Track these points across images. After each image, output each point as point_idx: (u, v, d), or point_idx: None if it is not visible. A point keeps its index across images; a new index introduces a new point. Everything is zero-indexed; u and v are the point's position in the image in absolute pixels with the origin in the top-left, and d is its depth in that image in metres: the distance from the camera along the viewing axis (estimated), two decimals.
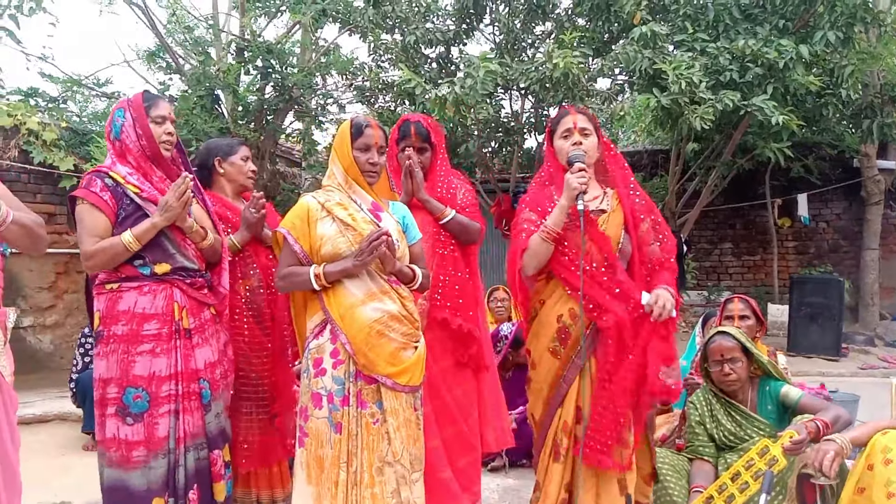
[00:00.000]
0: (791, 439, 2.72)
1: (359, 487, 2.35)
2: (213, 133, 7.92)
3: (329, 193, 2.55)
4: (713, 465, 3.07)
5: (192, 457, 2.58)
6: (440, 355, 2.89)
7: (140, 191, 2.58)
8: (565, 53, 6.73)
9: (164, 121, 2.66)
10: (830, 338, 8.55)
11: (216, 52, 9.61)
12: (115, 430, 2.51)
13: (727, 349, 3.08)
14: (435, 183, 3.07)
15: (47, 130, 7.30)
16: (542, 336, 2.64)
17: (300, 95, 9.01)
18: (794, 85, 6.88)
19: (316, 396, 2.43)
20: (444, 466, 2.77)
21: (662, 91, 6.72)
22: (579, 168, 2.50)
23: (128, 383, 2.51)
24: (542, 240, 2.53)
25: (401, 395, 2.42)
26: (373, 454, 2.37)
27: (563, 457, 2.56)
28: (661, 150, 11.37)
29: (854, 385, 6.12)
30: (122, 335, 2.53)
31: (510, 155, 9.49)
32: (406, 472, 2.39)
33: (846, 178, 10.50)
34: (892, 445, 2.54)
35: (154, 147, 2.63)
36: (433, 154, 3.10)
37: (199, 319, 2.67)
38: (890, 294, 10.62)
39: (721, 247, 11.65)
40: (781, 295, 10.51)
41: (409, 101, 7.73)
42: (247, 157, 3.23)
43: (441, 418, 2.84)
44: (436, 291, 2.93)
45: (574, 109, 2.68)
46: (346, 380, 2.40)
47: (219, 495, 2.66)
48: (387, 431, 2.38)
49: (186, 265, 2.65)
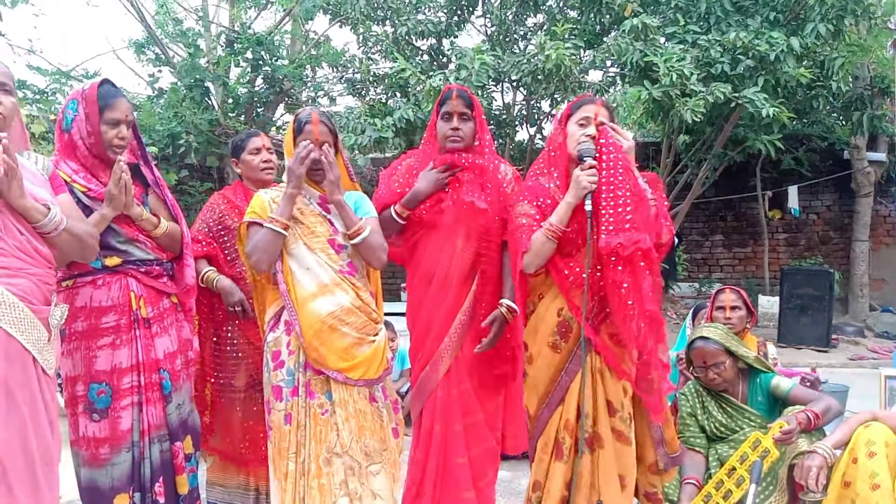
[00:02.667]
0: (781, 429, 2.74)
1: (306, 478, 2.35)
2: (203, 125, 7.88)
3: (279, 190, 2.56)
4: (704, 456, 3.08)
5: (157, 449, 2.54)
6: (476, 370, 2.79)
7: (87, 190, 2.49)
8: (557, 45, 6.72)
9: (119, 124, 2.51)
10: (820, 329, 8.60)
11: (206, 43, 9.55)
12: (84, 428, 2.48)
13: (710, 354, 3.05)
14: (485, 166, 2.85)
15: (35, 123, 7.23)
16: (542, 331, 2.56)
17: (291, 88, 8.97)
18: (784, 77, 6.90)
19: (276, 389, 2.45)
20: (469, 486, 2.71)
21: (654, 83, 6.73)
22: (590, 165, 2.39)
23: (91, 379, 2.47)
24: (547, 238, 2.43)
25: (352, 387, 2.41)
26: (320, 445, 2.36)
27: (566, 456, 2.50)
28: (652, 142, 11.36)
29: (844, 376, 6.17)
30: (83, 331, 2.48)
31: (501, 148, 9.46)
32: (356, 463, 2.38)
33: (836, 171, 10.55)
34: (876, 438, 2.55)
35: (101, 150, 2.50)
36: (477, 126, 2.86)
37: (158, 308, 2.61)
38: (879, 285, 10.69)
39: (712, 239, 11.69)
40: (772, 287, 10.57)
41: (402, 93, 7.71)
42: (257, 150, 3.20)
43: (471, 437, 2.76)
44: (479, 304, 2.81)
45: (601, 101, 2.57)
46: (295, 370, 2.41)
47: (181, 488, 2.61)
48: (335, 422, 2.37)
49: (139, 256, 2.58)
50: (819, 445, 2.62)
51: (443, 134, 2.84)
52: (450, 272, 2.77)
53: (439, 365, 2.76)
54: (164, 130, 7.40)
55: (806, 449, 2.70)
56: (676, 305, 10.43)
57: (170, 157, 7.62)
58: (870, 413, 2.72)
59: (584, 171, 2.38)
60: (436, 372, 2.75)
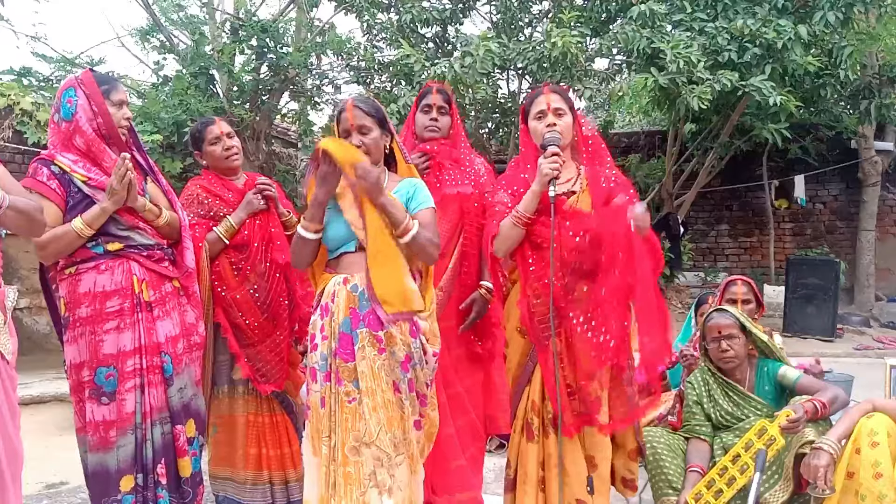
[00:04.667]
0: (787, 418, 2.74)
1: (335, 464, 2.35)
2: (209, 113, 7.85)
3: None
4: (709, 444, 3.08)
5: (158, 431, 2.57)
6: (455, 345, 2.90)
7: (87, 179, 2.50)
8: (563, 33, 6.68)
9: (123, 105, 2.58)
10: (826, 319, 8.59)
11: (210, 31, 9.51)
12: (91, 413, 2.50)
13: (725, 326, 3.09)
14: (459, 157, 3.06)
15: (41, 110, 7.23)
16: (513, 316, 2.70)
17: (296, 75, 8.93)
18: (792, 65, 6.86)
19: (312, 371, 2.45)
20: (459, 455, 2.80)
21: (660, 71, 6.69)
22: (552, 153, 2.47)
23: (98, 363, 2.49)
24: (513, 224, 2.53)
25: (380, 376, 2.35)
26: (347, 433, 2.33)
27: (536, 436, 2.60)
28: (658, 131, 11.34)
29: (849, 366, 6.15)
30: (87, 317, 2.50)
31: (507, 136, 9.45)
32: (384, 455, 2.33)
33: (843, 160, 10.49)
34: (879, 428, 2.56)
35: (112, 130, 2.54)
36: (453, 121, 3.07)
37: (160, 292, 2.63)
38: (885, 275, 10.65)
39: (718, 228, 11.66)
40: (777, 276, 10.54)
41: (406, 81, 7.69)
42: (217, 139, 3.09)
43: (454, 408, 2.86)
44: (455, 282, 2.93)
45: (548, 89, 2.64)
46: (328, 355, 2.40)
47: (184, 471, 2.63)
48: (363, 412, 2.34)
49: (141, 241, 2.60)
50: (825, 441, 2.61)
51: (422, 124, 3.03)
52: None
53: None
54: (169, 118, 7.37)
55: (812, 439, 2.70)
56: (681, 295, 10.41)
57: (175, 144, 7.59)
58: (869, 402, 2.72)
59: (546, 158, 2.47)
60: None
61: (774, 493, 2.81)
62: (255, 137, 8.80)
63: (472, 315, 2.89)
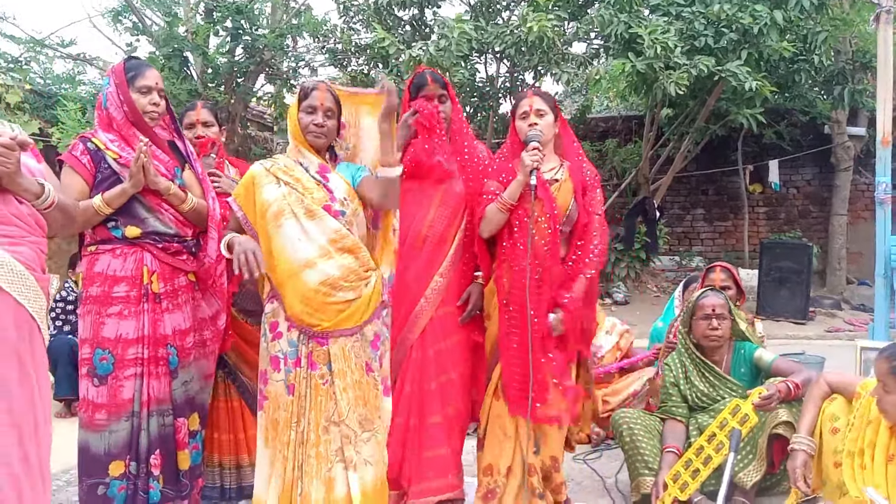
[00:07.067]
0: (760, 395, 2.81)
1: (305, 447, 2.41)
2: (183, 96, 7.75)
3: (276, 159, 2.60)
4: (685, 425, 3.12)
5: (155, 422, 2.59)
6: (452, 331, 2.89)
7: (119, 157, 2.57)
8: (540, 17, 6.68)
9: (150, 91, 2.62)
10: (798, 302, 8.71)
11: (184, 12, 9.36)
12: (85, 390, 2.55)
13: (719, 305, 3.17)
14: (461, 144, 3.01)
15: (11, 93, 7.10)
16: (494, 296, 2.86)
17: (271, 58, 8.85)
18: (767, 51, 6.91)
19: (274, 360, 2.47)
20: (443, 443, 2.80)
21: (638, 56, 6.71)
22: (533, 147, 2.69)
23: (97, 344, 2.54)
24: (498, 209, 2.73)
25: (350, 357, 2.45)
26: (320, 414, 2.42)
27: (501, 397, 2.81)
28: (635, 115, 11.39)
29: (820, 348, 6.25)
30: (96, 296, 2.56)
31: (485, 120, 9.44)
32: (351, 432, 2.44)
33: (817, 145, 10.61)
34: (839, 414, 2.61)
35: (137, 116, 2.60)
36: (454, 105, 2.99)
37: (172, 285, 2.66)
38: (856, 259, 10.82)
39: (693, 212, 11.76)
40: (751, 260, 10.67)
41: (383, 64, 7.64)
42: (191, 125, 3.13)
43: (445, 396, 2.86)
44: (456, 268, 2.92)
45: (531, 93, 2.88)
46: (298, 342, 2.44)
47: (182, 463, 2.66)
48: (334, 392, 2.43)
49: (160, 229, 2.64)
50: (797, 440, 2.63)
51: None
52: (425, 234, 2.86)
53: (415, 326, 2.83)
54: None
55: (786, 419, 2.77)
56: (657, 278, 10.51)
57: None
58: (824, 382, 2.72)
59: (527, 152, 2.67)
60: (412, 333, 2.83)
61: (748, 472, 2.86)
62: (230, 120, 8.70)
63: (470, 307, 2.91)
